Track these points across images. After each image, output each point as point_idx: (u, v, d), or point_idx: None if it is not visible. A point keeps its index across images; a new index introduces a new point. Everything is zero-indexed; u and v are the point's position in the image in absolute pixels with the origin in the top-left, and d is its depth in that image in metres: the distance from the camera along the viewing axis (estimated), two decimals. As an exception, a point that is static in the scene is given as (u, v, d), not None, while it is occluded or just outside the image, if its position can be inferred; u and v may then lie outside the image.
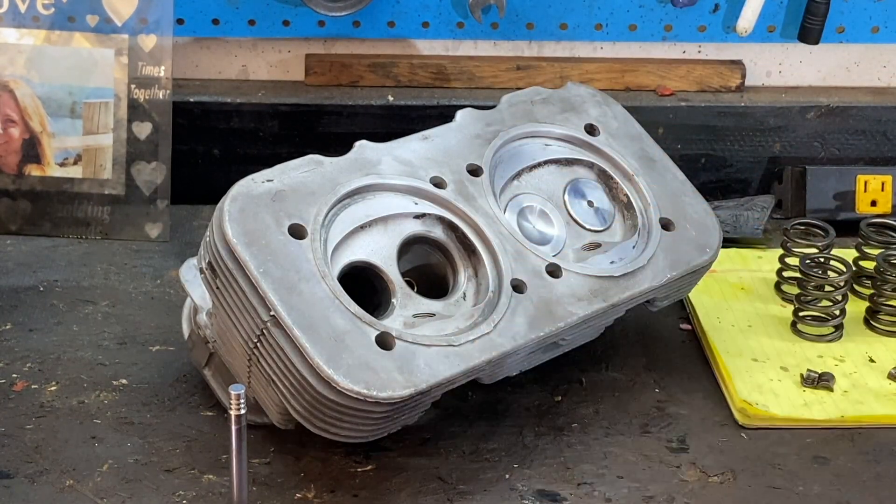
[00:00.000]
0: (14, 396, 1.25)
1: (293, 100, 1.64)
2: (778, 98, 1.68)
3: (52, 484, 1.14)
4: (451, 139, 1.25)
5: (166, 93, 1.54)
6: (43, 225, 1.56)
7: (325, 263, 1.11)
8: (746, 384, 1.28)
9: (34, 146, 1.55)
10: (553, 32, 1.66)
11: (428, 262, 1.21)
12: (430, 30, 1.65)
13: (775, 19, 1.66)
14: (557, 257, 1.22)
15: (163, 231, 1.55)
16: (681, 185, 1.32)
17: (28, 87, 1.54)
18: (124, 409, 1.24)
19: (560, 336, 1.18)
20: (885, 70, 1.72)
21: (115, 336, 1.35)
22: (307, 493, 1.14)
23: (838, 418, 1.24)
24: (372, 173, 1.18)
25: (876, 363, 1.33)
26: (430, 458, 1.18)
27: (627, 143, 1.33)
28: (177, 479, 1.15)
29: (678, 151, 1.63)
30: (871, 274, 1.42)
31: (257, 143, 1.64)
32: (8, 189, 1.55)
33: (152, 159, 1.55)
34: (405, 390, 1.06)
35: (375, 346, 1.07)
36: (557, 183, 1.28)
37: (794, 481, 1.17)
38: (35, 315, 1.39)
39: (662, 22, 1.65)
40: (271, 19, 1.63)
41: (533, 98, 1.33)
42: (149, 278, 1.46)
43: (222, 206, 1.11)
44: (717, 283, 1.45)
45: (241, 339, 1.11)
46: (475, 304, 1.17)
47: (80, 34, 1.54)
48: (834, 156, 1.68)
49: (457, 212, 1.20)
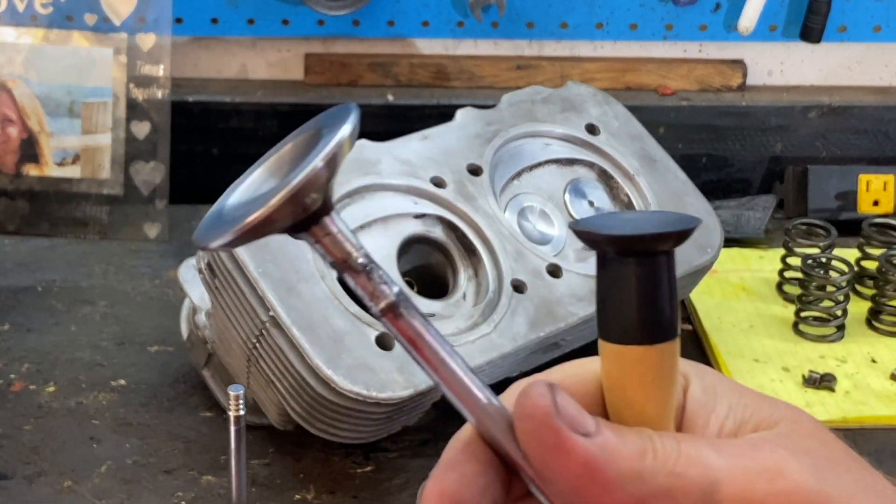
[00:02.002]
0: (12, 397, 1.25)
1: (292, 99, 1.64)
2: (779, 97, 1.68)
3: (51, 485, 1.14)
4: (451, 139, 1.25)
5: (165, 92, 1.54)
6: (41, 225, 1.55)
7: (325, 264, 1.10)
8: (748, 385, 1.27)
9: (32, 146, 1.54)
10: (553, 31, 1.66)
11: (428, 262, 1.20)
12: (430, 29, 1.65)
13: (777, 18, 1.65)
14: (558, 257, 1.21)
15: (161, 231, 1.54)
16: (682, 184, 1.32)
17: (26, 87, 1.54)
18: (123, 410, 1.24)
19: (560, 336, 1.17)
20: (887, 69, 1.71)
21: (113, 336, 1.35)
22: (307, 493, 1.13)
23: (840, 419, 1.24)
24: (372, 173, 1.18)
25: (878, 364, 1.33)
26: (430, 459, 1.17)
27: (628, 142, 1.32)
28: (175, 479, 1.15)
29: (679, 151, 1.62)
30: (874, 274, 1.42)
31: (256, 143, 1.64)
32: (6, 189, 1.55)
33: (151, 159, 1.54)
34: (405, 391, 1.06)
35: (375, 347, 1.07)
36: (558, 183, 1.28)
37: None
38: (33, 315, 1.38)
39: (663, 21, 1.65)
40: (270, 18, 1.63)
41: (533, 97, 1.32)
42: (147, 278, 1.46)
43: (221, 205, 1.10)
44: (718, 283, 1.45)
45: (240, 339, 1.11)
46: (475, 304, 1.16)
47: (79, 33, 1.54)
48: (836, 155, 1.68)
49: (457, 212, 1.19)
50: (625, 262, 0.53)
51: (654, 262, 0.53)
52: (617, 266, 0.53)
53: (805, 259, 1.38)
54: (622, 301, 0.53)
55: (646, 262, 0.53)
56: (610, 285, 0.54)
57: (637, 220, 0.55)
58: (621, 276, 0.53)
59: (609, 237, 0.53)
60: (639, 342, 0.54)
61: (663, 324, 0.54)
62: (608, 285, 0.54)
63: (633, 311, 0.53)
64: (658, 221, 0.53)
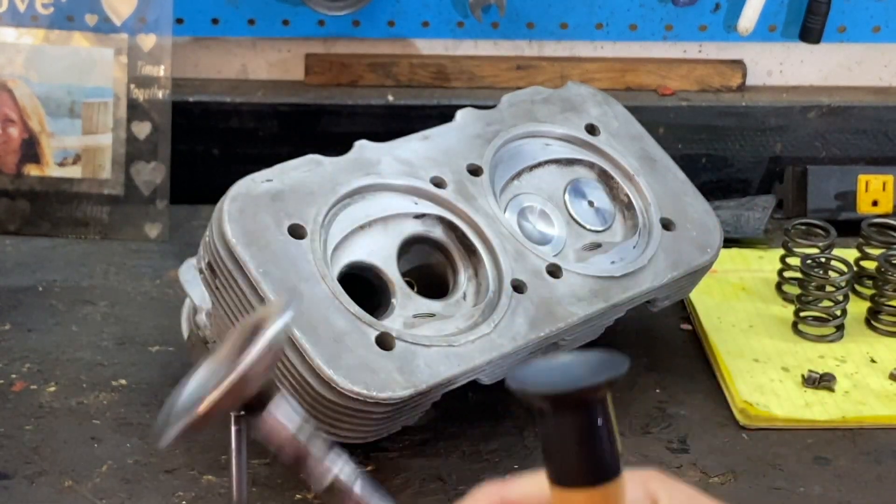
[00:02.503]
0: (13, 397, 1.25)
1: (293, 99, 1.64)
2: (779, 98, 1.68)
3: (51, 484, 1.14)
4: (451, 139, 1.25)
5: (165, 92, 1.54)
6: (42, 225, 1.55)
7: (325, 264, 1.10)
8: (747, 385, 1.28)
9: (33, 146, 1.55)
10: (553, 32, 1.66)
11: (428, 262, 1.21)
12: (430, 29, 1.65)
13: (776, 19, 1.65)
14: (558, 257, 1.22)
15: (162, 231, 1.55)
16: (681, 184, 1.32)
17: (27, 87, 1.54)
18: (123, 410, 1.24)
19: (560, 336, 1.18)
20: (886, 69, 1.71)
21: (114, 336, 1.35)
22: (307, 493, 1.13)
23: (839, 419, 1.24)
24: (372, 173, 1.18)
25: (877, 363, 1.33)
26: (430, 459, 1.17)
27: (628, 142, 1.32)
28: (176, 479, 1.15)
29: (679, 151, 1.62)
30: (873, 274, 1.42)
31: (257, 143, 1.64)
32: (7, 189, 1.55)
33: (151, 159, 1.55)
34: (405, 391, 1.06)
35: (375, 347, 1.07)
36: (558, 183, 1.28)
37: (795, 482, 1.17)
38: (34, 315, 1.38)
39: (663, 21, 1.65)
40: (271, 19, 1.63)
41: (533, 98, 1.32)
42: (148, 278, 1.46)
43: (222, 206, 1.11)
44: (717, 283, 1.45)
45: (240, 339, 1.11)
46: (475, 304, 1.16)
47: (79, 34, 1.54)
48: (835, 156, 1.68)
49: (457, 212, 1.19)
50: (561, 415, 0.55)
51: (588, 411, 0.55)
52: (554, 419, 0.56)
53: (804, 259, 1.38)
54: (563, 449, 0.56)
55: (580, 412, 0.55)
56: (550, 435, 0.56)
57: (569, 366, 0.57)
58: (560, 427, 0.56)
59: (544, 395, 0.55)
60: (582, 485, 0.56)
61: (604, 465, 0.57)
62: (549, 435, 0.56)
63: (573, 457, 0.56)
64: (589, 368, 0.56)
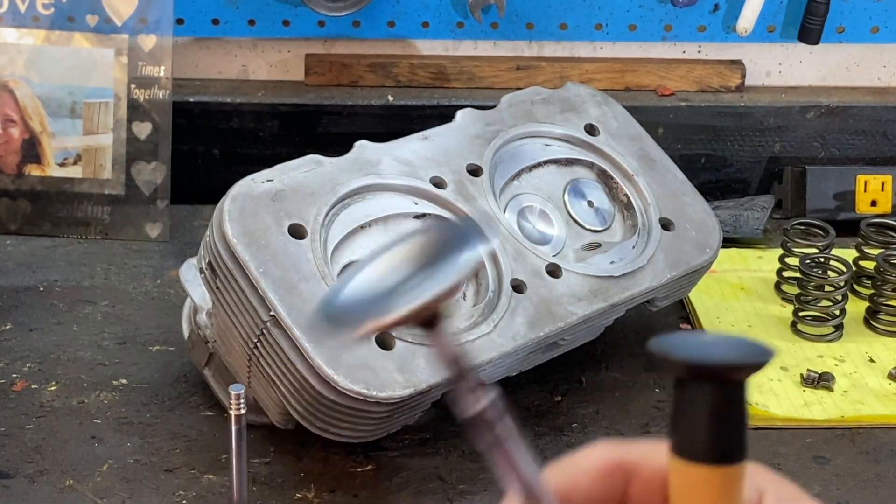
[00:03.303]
0: (14, 396, 1.25)
1: (293, 100, 1.64)
2: (778, 98, 1.68)
3: (52, 484, 1.14)
4: (451, 139, 1.25)
5: (166, 93, 1.54)
6: (43, 225, 1.55)
7: (325, 263, 1.11)
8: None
9: (34, 146, 1.55)
10: (553, 32, 1.66)
11: (428, 262, 1.21)
12: (430, 30, 1.65)
13: (775, 19, 1.66)
14: (557, 257, 1.22)
15: (163, 231, 1.55)
16: (681, 185, 1.32)
17: (28, 87, 1.54)
18: (124, 409, 1.24)
19: (560, 336, 1.18)
20: (885, 70, 1.72)
21: (114, 336, 1.35)
22: (307, 492, 1.14)
23: (838, 418, 1.24)
24: (372, 173, 1.18)
25: (876, 363, 1.33)
26: (430, 458, 1.18)
27: (627, 142, 1.33)
28: (177, 479, 1.15)
29: (678, 151, 1.63)
30: (871, 274, 1.42)
31: (257, 143, 1.64)
32: (8, 189, 1.55)
33: (152, 159, 1.55)
34: (405, 390, 1.06)
35: (375, 346, 1.07)
36: (557, 183, 1.28)
37: (794, 481, 1.16)
38: (35, 315, 1.39)
39: (662, 22, 1.65)
40: (271, 19, 1.63)
41: (533, 98, 1.33)
42: (149, 278, 1.46)
43: (222, 206, 1.11)
44: (716, 283, 1.45)
45: (240, 339, 1.11)
46: (475, 304, 1.17)
47: (80, 34, 1.54)
48: (834, 156, 1.68)
49: (457, 212, 1.20)
50: (700, 387, 0.55)
51: (734, 389, 0.55)
52: (692, 389, 0.55)
53: (803, 259, 1.38)
54: (694, 421, 0.55)
55: (725, 389, 0.55)
56: (684, 406, 0.56)
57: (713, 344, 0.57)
58: (695, 399, 0.55)
59: (688, 365, 0.55)
60: (705, 462, 0.56)
61: (731, 447, 0.56)
62: (682, 405, 0.56)
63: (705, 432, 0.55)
64: (734, 349, 0.55)
